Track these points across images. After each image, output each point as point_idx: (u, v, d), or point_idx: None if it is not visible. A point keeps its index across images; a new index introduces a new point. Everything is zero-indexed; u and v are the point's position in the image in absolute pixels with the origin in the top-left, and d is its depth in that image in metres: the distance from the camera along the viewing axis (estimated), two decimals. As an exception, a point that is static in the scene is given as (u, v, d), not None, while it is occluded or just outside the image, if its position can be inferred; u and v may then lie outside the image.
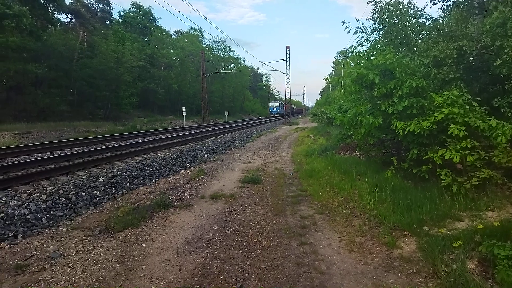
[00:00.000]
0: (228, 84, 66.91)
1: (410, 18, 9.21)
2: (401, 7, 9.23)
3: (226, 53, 73.34)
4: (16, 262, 4.04)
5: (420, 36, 9.06)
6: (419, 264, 3.94)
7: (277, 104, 74.53)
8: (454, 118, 5.66)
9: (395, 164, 6.59)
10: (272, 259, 4.15)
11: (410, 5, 9.27)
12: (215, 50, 70.74)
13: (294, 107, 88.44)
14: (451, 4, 8.98)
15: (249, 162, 11.57)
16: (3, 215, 5.58)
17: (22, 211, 5.85)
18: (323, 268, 3.92)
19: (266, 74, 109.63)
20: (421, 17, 9.16)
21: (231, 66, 70.96)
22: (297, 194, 7.19)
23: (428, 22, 9.09)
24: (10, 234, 5.07)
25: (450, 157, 5.46)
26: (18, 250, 4.51)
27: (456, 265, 3.56)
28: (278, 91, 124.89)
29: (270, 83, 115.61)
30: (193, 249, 4.47)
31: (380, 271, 3.84)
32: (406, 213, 5.20)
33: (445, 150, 5.62)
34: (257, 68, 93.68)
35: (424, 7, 9.25)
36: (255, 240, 4.74)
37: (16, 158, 11.05)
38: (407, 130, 6.00)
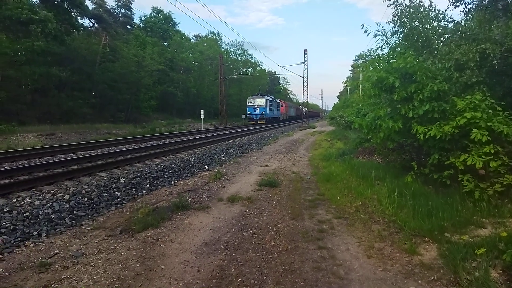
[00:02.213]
0: (245, 88, 67.10)
1: (431, 21, 9.07)
2: (422, 10, 9.11)
3: (243, 57, 73.58)
4: (40, 260, 4.17)
5: (442, 39, 8.91)
6: (440, 272, 3.86)
7: (261, 101, 43.72)
8: (477, 122, 5.52)
9: (415, 169, 6.47)
10: (290, 262, 4.14)
11: (431, 8, 9.15)
12: (233, 54, 71.14)
13: (304, 109, 70.46)
14: (474, 7, 8.80)
15: (266, 165, 11.58)
16: (28, 214, 5.77)
17: (46, 211, 6.02)
18: (341, 273, 3.89)
19: (283, 77, 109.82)
20: (442, 20, 9.02)
21: (249, 69, 71.21)
22: (314, 198, 7.15)
23: (450, 25, 8.93)
24: (35, 233, 5.23)
25: (473, 163, 5.33)
26: (42, 248, 4.65)
27: (478, 273, 3.48)
28: (295, 95, 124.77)
29: (287, 86, 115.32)
30: (211, 250, 4.51)
31: (400, 277, 3.79)
32: (426, 219, 5.11)
33: (468, 155, 5.49)
34: (275, 72, 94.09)
35: (446, 10, 9.06)
36: (272, 243, 4.74)
37: (40, 159, 11.39)
38: (428, 134, 5.89)
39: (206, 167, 11.54)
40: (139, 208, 6.36)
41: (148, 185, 8.55)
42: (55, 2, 30.84)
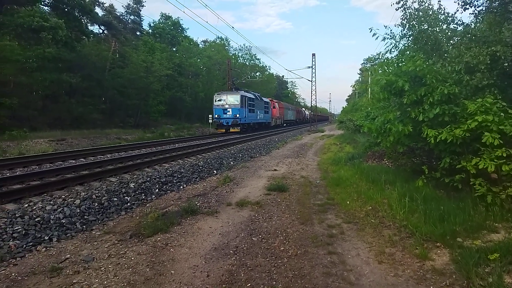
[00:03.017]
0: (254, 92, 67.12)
1: (440, 23, 9.01)
2: (431, 12, 9.05)
3: (251, 61, 73.82)
4: (52, 265, 4.20)
5: (451, 42, 8.84)
6: (453, 277, 3.80)
7: (234, 98, 30.86)
8: (488, 126, 5.44)
9: (426, 173, 6.39)
10: (299, 268, 4.12)
11: (440, 11, 9.08)
12: (241, 59, 71.37)
13: (306, 112, 69.64)
14: (484, 9, 8.71)
15: (275, 170, 11.56)
16: (39, 219, 5.83)
17: (57, 215, 6.08)
18: (352, 278, 3.85)
19: (291, 81, 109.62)
20: (452, 23, 8.95)
21: (257, 74, 71.43)
22: (324, 203, 7.11)
23: (459, 28, 8.85)
24: (46, 238, 5.28)
25: (485, 167, 5.25)
26: (53, 253, 4.69)
27: (492, 279, 3.42)
28: (303, 98, 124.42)
29: (295, 90, 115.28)
30: (220, 255, 4.50)
31: (412, 283, 3.74)
32: (438, 224, 5.05)
33: (479, 159, 5.42)
34: (283, 76, 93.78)
35: (455, 13, 8.96)
36: (282, 248, 4.72)
37: (51, 164, 11.53)
38: (439, 138, 5.82)
39: (214, 171, 11.56)
40: (148, 212, 6.39)
41: (157, 190, 8.59)
42: (66, 10, 31.37)
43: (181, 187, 9.14)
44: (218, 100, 31.20)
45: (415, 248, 4.57)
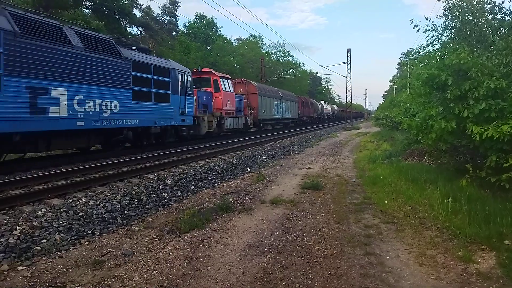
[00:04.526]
0: (286, 89, 66.60)
1: (486, 14, 8.51)
2: (475, 2, 8.56)
3: (285, 58, 73.41)
4: (94, 258, 4.37)
5: (498, 33, 8.33)
6: (499, 282, 3.59)
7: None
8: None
9: (471, 172, 6.07)
10: (336, 268, 4.04)
11: (485, 0, 8.58)
12: (274, 56, 71.15)
13: (327, 107, 56.74)
14: (535, -4, 8.15)
15: (309, 168, 11.43)
16: (83, 213, 6.09)
17: (100, 210, 6.33)
18: (391, 280, 3.72)
19: (325, 78, 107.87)
20: (499, 13, 8.42)
21: (290, 71, 70.84)
22: (360, 202, 6.94)
23: (508, 18, 8.31)
24: (89, 232, 5.50)
25: (535, 165, 4.91)
26: (96, 246, 4.88)
27: (545, 286, 3.19)
28: (338, 95, 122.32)
29: (329, 87, 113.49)
30: (255, 253, 4.50)
31: (455, 286, 3.56)
32: (483, 225, 4.78)
33: (529, 157, 5.08)
34: (317, 72, 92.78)
35: (503, 2, 8.42)
36: (317, 248, 4.65)
37: (94, 161, 12.03)
38: (485, 135, 5.50)
39: (248, 169, 11.60)
40: (184, 209, 6.52)
41: (193, 187, 8.74)
42: (106, 12, 32.60)
43: (216, 184, 9.25)
44: None
45: (458, 250, 4.36)
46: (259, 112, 28.93)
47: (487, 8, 8.47)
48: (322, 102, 59.12)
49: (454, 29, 8.82)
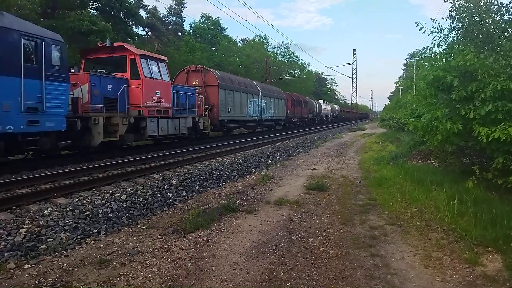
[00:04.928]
0: (291, 90, 66.32)
1: (493, 15, 8.44)
2: (482, 3, 8.49)
3: (290, 59, 73.29)
4: (100, 257, 4.39)
5: (505, 34, 8.26)
6: (506, 284, 3.57)
7: None
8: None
9: (477, 173, 6.03)
10: (340, 269, 4.03)
11: (492, 1, 8.50)
12: (279, 56, 71.09)
13: (327, 107, 50.88)
14: (544, -3, 8.06)
15: (314, 169, 11.42)
16: (88, 213, 6.12)
17: (105, 210, 6.36)
18: (396, 282, 3.70)
19: (331, 78, 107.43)
20: (506, 13, 8.35)
21: (295, 71, 70.72)
22: (365, 203, 6.92)
23: (515, 19, 8.24)
24: (95, 231, 5.53)
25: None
26: (101, 245, 4.90)
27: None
28: (343, 96, 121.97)
29: (335, 87, 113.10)
30: (259, 253, 4.51)
31: (461, 289, 3.54)
32: (490, 227, 4.75)
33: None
34: (322, 73, 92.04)
35: (510, 3, 8.35)
36: (322, 249, 4.64)
37: (99, 161, 12.10)
38: (491, 137, 5.47)
39: (253, 169, 11.61)
40: (189, 209, 6.54)
41: (197, 187, 8.76)
42: (112, 13, 32.76)
43: (221, 184, 9.27)
44: None
45: (464, 253, 4.33)
46: (220, 112, 21.20)
47: (494, 9, 8.41)
48: (321, 101, 53.59)
49: (461, 31, 8.75)
